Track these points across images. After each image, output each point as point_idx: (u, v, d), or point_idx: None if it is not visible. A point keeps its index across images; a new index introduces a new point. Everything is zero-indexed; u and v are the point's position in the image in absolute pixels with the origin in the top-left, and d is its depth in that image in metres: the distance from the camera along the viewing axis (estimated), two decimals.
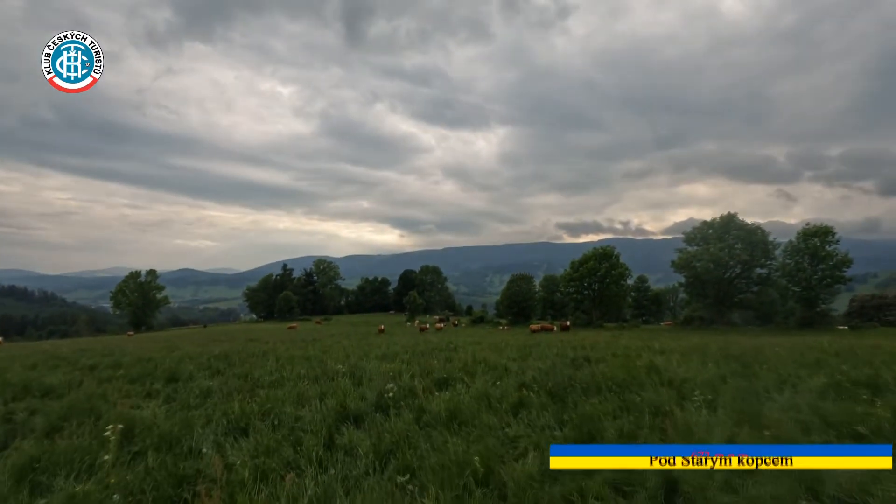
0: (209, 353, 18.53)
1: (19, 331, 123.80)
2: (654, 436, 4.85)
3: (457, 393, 7.24)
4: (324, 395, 7.63)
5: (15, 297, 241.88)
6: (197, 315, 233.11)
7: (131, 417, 5.82)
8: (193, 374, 11.83)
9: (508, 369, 10.66)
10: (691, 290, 50.51)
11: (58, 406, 7.07)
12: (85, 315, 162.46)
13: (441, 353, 17.35)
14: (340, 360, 13.96)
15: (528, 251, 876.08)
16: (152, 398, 9.27)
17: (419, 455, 4.40)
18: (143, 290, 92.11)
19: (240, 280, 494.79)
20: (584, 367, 11.78)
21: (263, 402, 6.75)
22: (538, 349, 18.44)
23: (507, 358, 14.80)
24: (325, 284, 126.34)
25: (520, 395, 6.45)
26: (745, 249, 46.05)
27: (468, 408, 6.14)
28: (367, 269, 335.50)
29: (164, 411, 7.76)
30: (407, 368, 10.96)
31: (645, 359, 12.83)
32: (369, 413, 6.44)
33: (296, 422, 6.02)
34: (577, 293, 63.79)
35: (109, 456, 3.99)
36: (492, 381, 8.71)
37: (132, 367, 13.49)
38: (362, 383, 9.15)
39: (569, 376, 8.06)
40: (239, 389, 8.82)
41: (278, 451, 4.66)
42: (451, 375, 9.18)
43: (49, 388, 9.65)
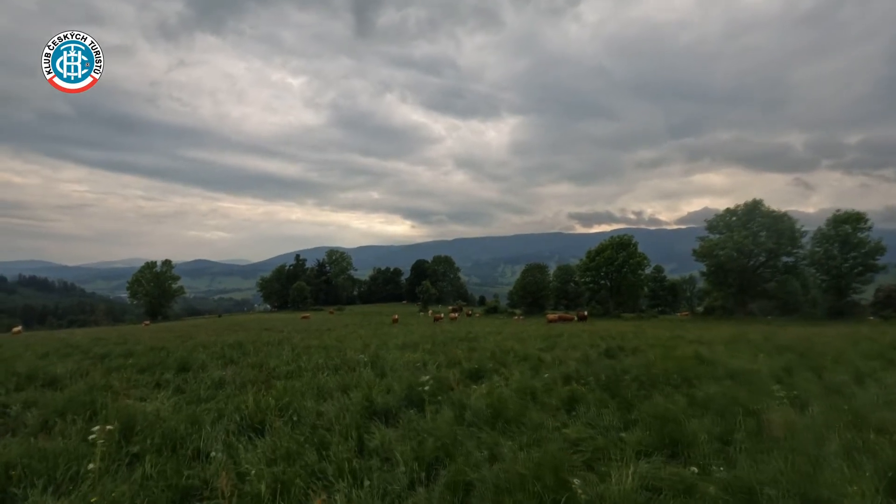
0: (223, 342, 18.02)
1: (40, 320, 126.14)
2: (752, 440, 4.00)
3: (495, 386, 6.45)
4: (346, 387, 6.89)
5: (36, 288, 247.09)
6: (212, 305, 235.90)
7: (132, 413, 5.13)
8: (206, 363, 11.23)
9: (542, 360, 9.86)
10: (713, 280, 48.93)
11: (57, 398, 6.44)
12: (103, 305, 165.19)
13: (462, 343, 16.63)
14: (359, 349, 13.28)
15: (540, 242, 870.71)
16: (161, 389, 8.65)
17: (472, 463, 3.60)
18: (159, 280, 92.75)
19: (253, 271, 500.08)
20: (619, 357, 10.96)
21: (280, 395, 6.02)
22: (563, 339, 17.62)
23: (534, 348, 14.02)
24: (337, 275, 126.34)
25: (571, 389, 5.64)
26: (771, 237, 44.33)
27: (513, 403, 5.35)
28: (378, 260, 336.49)
29: (172, 404, 7.10)
30: (431, 358, 10.23)
31: (686, 349, 11.93)
32: (399, 408, 5.69)
33: (318, 418, 5.29)
34: (594, 283, 62.50)
35: (95, 464, 3.28)
36: (530, 373, 7.93)
37: (143, 357, 12.96)
38: (385, 374, 8.42)
39: (621, 369, 7.20)
40: (253, 380, 8.15)
41: (300, 457, 3.91)
42: (483, 366, 8.39)
43: (53, 379, 9.09)
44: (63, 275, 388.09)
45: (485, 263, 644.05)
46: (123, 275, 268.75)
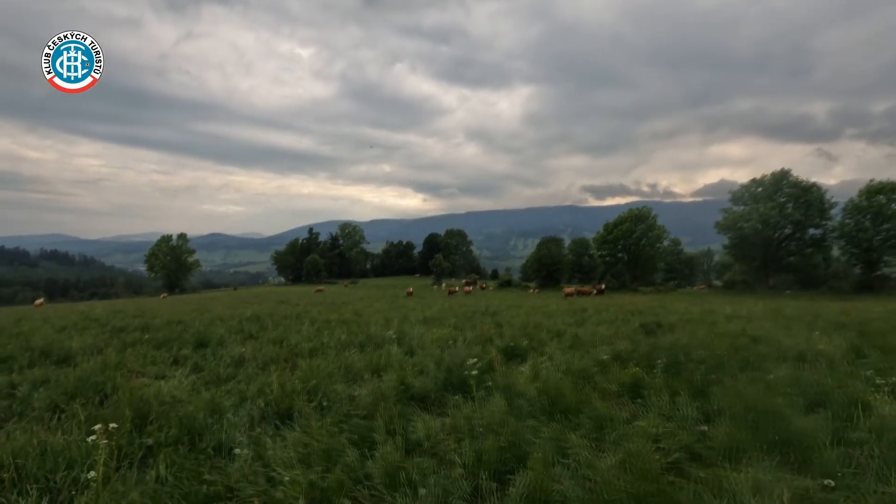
0: (240, 315, 17.74)
1: (63, 293, 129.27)
2: (878, 441, 3.34)
3: (540, 367, 5.85)
4: (376, 367, 6.36)
5: (57, 261, 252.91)
6: (228, 278, 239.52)
7: (146, 396, 4.63)
8: (224, 338, 10.83)
9: (579, 337, 9.24)
10: (736, 253, 47.58)
11: (69, 377, 6.01)
12: (122, 278, 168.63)
13: (484, 318, 16.10)
14: (381, 324, 12.81)
15: (553, 215, 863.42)
16: (179, 365, 8.25)
17: (552, 477, 2.98)
18: (175, 253, 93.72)
19: (267, 244, 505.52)
20: (658, 334, 10.31)
21: (306, 376, 5.50)
22: (589, 314, 16.99)
23: (563, 323, 13.42)
24: (350, 248, 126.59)
25: (632, 372, 5.01)
26: (799, 209, 42.64)
27: (567, 389, 4.74)
28: (390, 234, 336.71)
29: (190, 384, 6.66)
30: (459, 334, 9.67)
31: (729, 326, 11.22)
32: (438, 392, 5.12)
33: (350, 404, 4.75)
34: (611, 256, 61.44)
35: (96, 472, 2.76)
36: (571, 352, 7.31)
37: (160, 331, 12.64)
38: (414, 352, 7.89)
39: (672, 348, 6.54)
40: (275, 358, 7.68)
41: (339, 455, 3.35)
42: (518, 344, 7.79)
43: (68, 354, 8.73)
44: (82, 248, 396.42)
45: (497, 237, 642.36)
46: (140, 248, 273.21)
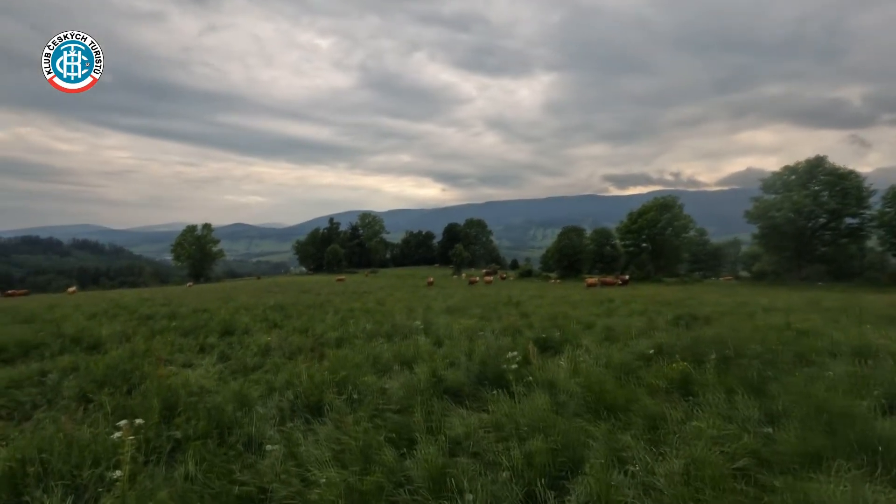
0: (264, 304, 17.84)
1: (94, 281, 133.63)
2: None
3: (578, 360, 5.54)
4: (404, 358, 6.15)
5: (88, 251, 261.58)
6: (251, 268, 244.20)
7: (174, 386, 4.51)
8: (250, 326, 10.82)
9: (613, 329, 8.88)
10: (767, 243, 45.93)
11: (98, 365, 5.96)
12: (150, 267, 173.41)
13: (508, 308, 15.81)
14: (404, 313, 12.65)
15: (573, 204, 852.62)
16: (205, 353, 8.22)
17: (612, 484, 2.71)
18: (200, 243, 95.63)
19: (288, 234, 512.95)
20: (695, 327, 9.87)
21: (335, 367, 5.32)
22: (616, 305, 16.53)
23: (591, 314, 13.05)
24: (370, 238, 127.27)
25: (680, 367, 4.67)
26: (835, 197, 40.82)
27: (611, 385, 4.44)
28: (409, 223, 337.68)
29: (217, 373, 6.57)
30: (486, 325, 9.43)
31: (771, 318, 10.70)
32: (472, 386, 4.88)
33: (381, 397, 4.55)
34: (634, 246, 60.18)
35: (122, 471, 2.60)
36: (606, 345, 6.99)
37: (187, 319, 12.74)
38: (442, 343, 7.67)
39: (716, 341, 6.15)
40: (301, 348, 7.55)
41: (376, 454, 3.14)
42: (550, 335, 7.49)
43: (98, 342, 8.79)
44: (112, 238, 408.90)
45: (516, 227, 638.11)
46: (167, 238, 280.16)
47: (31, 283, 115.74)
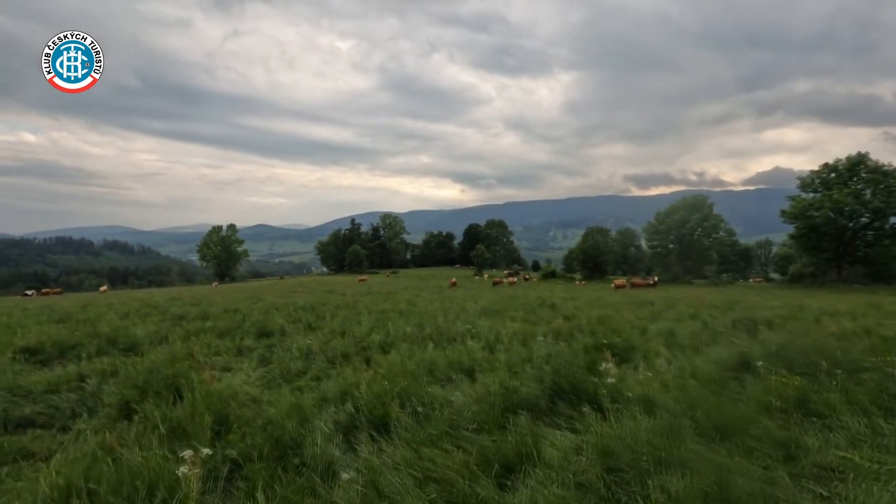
0: (293, 303, 17.64)
1: (123, 280, 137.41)
2: None
3: (660, 372, 4.97)
4: (461, 365, 5.67)
5: (118, 251, 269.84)
6: (273, 268, 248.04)
7: (222, 395, 4.12)
8: (285, 328, 10.50)
9: (673, 334, 8.24)
10: (805, 244, 44.00)
11: (138, 369, 5.64)
12: (176, 267, 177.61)
13: (543, 310, 15.23)
14: (440, 315, 12.19)
15: (593, 205, 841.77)
16: (244, 356, 7.89)
17: None
18: (225, 243, 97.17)
19: (310, 235, 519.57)
20: (757, 332, 9.14)
21: (390, 376, 4.86)
22: (658, 308, 15.75)
23: (637, 317, 12.38)
24: (391, 238, 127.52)
25: (795, 382, 4.05)
26: (879, 195, 38.80)
27: (714, 402, 3.87)
28: (429, 224, 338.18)
29: (259, 378, 6.20)
30: (534, 329, 8.87)
31: (841, 323, 9.88)
32: (547, 400, 4.36)
33: (449, 410, 4.06)
34: (662, 246, 58.61)
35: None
36: (676, 352, 6.38)
37: (220, 319, 12.53)
38: (494, 349, 7.16)
39: (817, 353, 5.48)
40: (345, 353, 7.14)
41: (469, 484, 2.65)
42: (611, 341, 6.90)
43: (134, 342, 8.57)
44: (140, 239, 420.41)
45: (536, 227, 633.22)
46: (192, 239, 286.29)
47: (64, 283, 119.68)
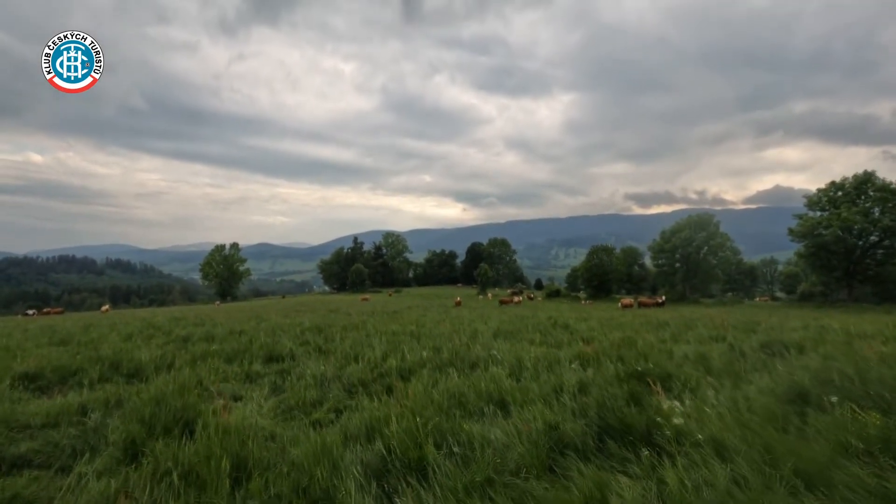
0: (299, 324, 17.22)
1: (125, 299, 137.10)
2: None
3: (710, 404, 4.57)
4: (492, 397, 5.27)
5: (121, 270, 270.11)
6: (275, 287, 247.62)
7: (240, 435, 3.74)
8: (294, 351, 10.10)
9: (707, 358, 7.80)
10: (814, 262, 43.56)
11: (143, 399, 5.26)
12: (179, 286, 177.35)
13: (556, 331, 14.77)
14: (451, 336, 11.76)
15: (595, 223, 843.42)
16: (253, 383, 7.49)
17: None
18: (228, 262, 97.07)
19: (312, 253, 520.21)
20: (787, 356, 8.71)
21: (417, 409, 4.46)
22: (674, 328, 15.28)
23: (658, 339, 11.93)
24: (394, 257, 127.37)
25: (876, 420, 3.66)
26: (888, 213, 38.52)
27: (786, 444, 3.47)
28: (430, 243, 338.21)
29: (274, 407, 5.81)
30: (556, 354, 8.45)
31: (877, 347, 9.42)
32: (595, 440, 3.96)
33: (487, 451, 3.67)
34: (668, 265, 58.18)
35: None
36: (714, 380, 5.96)
37: (226, 341, 12.12)
38: (519, 377, 6.75)
39: (876, 382, 5.08)
40: (362, 379, 6.74)
41: None
42: (646, 368, 6.48)
43: (138, 367, 8.18)
44: (143, 257, 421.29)
45: (538, 246, 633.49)
46: (194, 258, 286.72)
47: (66, 302, 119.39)
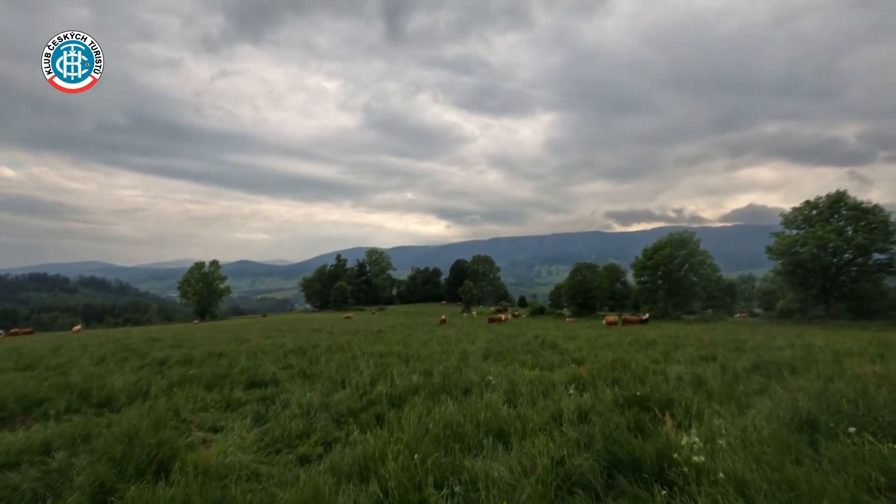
0: (281, 345, 16.69)
1: (99, 318, 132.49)
2: None
3: (720, 434, 4.39)
4: (490, 427, 5.00)
5: (95, 288, 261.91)
6: (255, 305, 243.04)
7: (222, 479, 3.41)
8: (277, 376, 9.67)
9: (703, 381, 7.68)
10: (791, 280, 44.46)
11: (115, 434, 4.86)
12: (156, 304, 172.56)
13: (549, 351, 14.58)
14: (441, 358, 11.45)
15: (577, 241, 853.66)
16: (234, 412, 7.07)
17: None
18: (207, 280, 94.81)
19: (293, 271, 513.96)
20: (782, 378, 8.65)
21: (413, 443, 4.18)
22: (663, 347, 15.21)
23: (649, 359, 11.81)
24: (377, 274, 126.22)
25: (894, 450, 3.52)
26: (861, 232, 39.68)
27: (810, 479, 3.30)
28: (414, 260, 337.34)
29: (257, 440, 5.43)
30: (550, 377, 8.22)
31: (868, 367, 9.44)
32: (604, 476, 3.73)
33: (493, 492, 3.41)
34: (651, 283, 58.81)
35: None
36: (712, 405, 5.81)
37: (204, 365, 11.58)
38: (515, 403, 6.50)
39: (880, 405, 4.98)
40: (350, 408, 6.39)
41: None
42: (646, 394, 6.30)
43: (110, 395, 7.68)
44: (119, 275, 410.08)
45: (521, 263, 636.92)
46: (173, 275, 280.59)
47: (35, 321, 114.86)
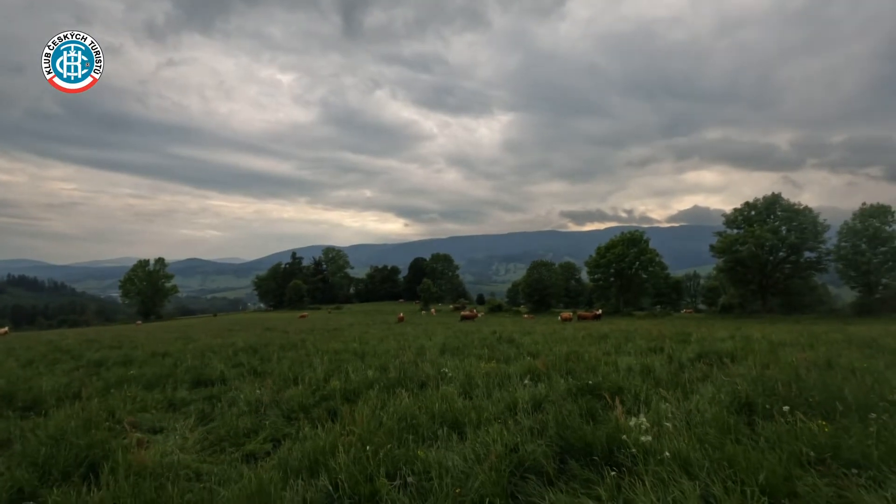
0: (231, 344, 16.05)
1: (30, 321, 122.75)
2: None
3: (666, 417, 4.54)
4: (445, 419, 4.96)
5: (25, 287, 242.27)
6: (205, 304, 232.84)
7: (158, 479, 3.19)
8: (225, 374, 9.25)
9: (651, 369, 7.97)
10: (732, 276, 47.28)
11: (40, 439, 4.48)
12: (94, 304, 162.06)
13: (505, 346, 14.74)
14: (397, 353, 11.33)
15: (534, 239, 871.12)
16: (177, 412, 6.70)
17: None
18: (152, 278, 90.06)
19: (246, 269, 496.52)
20: (724, 366, 9.13)
21: (366, 435, 4.08)
22: (615, 340, 15.73)
23: (602, 352, 12.17)
24: (334, 273, 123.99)
25: (820, 427, 3.73)
26: (793, 231, 42.76)
27: (749, 457, 3.47)
28: (372, 258, 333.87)
29: (200, 439, 5.16)
30: (506, 369, 8.30)
31: (800, 355, 10.11)
32: (557, 461, 3.77)
33: (447, 480, 3.37)
34: (604, 280, 60.89)
35: None
36: (661, 392, 6.03)
37: (146, 365, 10.94)
38: (471, 394, 6.50)
39: (802, 388, 5.31)
40: (302, 404, 6.18)
41: None
42: (596, 382, 6.46)
43: (37, 399, 7.10)
44: (53, 274, 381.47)
45: (479, 261, 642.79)
46: (114, 274, 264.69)
47: None
